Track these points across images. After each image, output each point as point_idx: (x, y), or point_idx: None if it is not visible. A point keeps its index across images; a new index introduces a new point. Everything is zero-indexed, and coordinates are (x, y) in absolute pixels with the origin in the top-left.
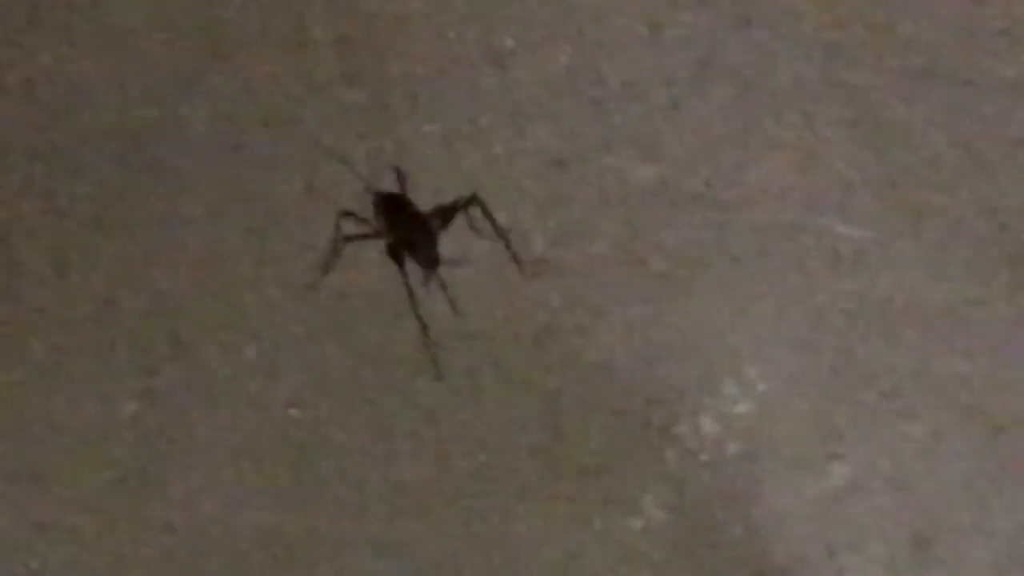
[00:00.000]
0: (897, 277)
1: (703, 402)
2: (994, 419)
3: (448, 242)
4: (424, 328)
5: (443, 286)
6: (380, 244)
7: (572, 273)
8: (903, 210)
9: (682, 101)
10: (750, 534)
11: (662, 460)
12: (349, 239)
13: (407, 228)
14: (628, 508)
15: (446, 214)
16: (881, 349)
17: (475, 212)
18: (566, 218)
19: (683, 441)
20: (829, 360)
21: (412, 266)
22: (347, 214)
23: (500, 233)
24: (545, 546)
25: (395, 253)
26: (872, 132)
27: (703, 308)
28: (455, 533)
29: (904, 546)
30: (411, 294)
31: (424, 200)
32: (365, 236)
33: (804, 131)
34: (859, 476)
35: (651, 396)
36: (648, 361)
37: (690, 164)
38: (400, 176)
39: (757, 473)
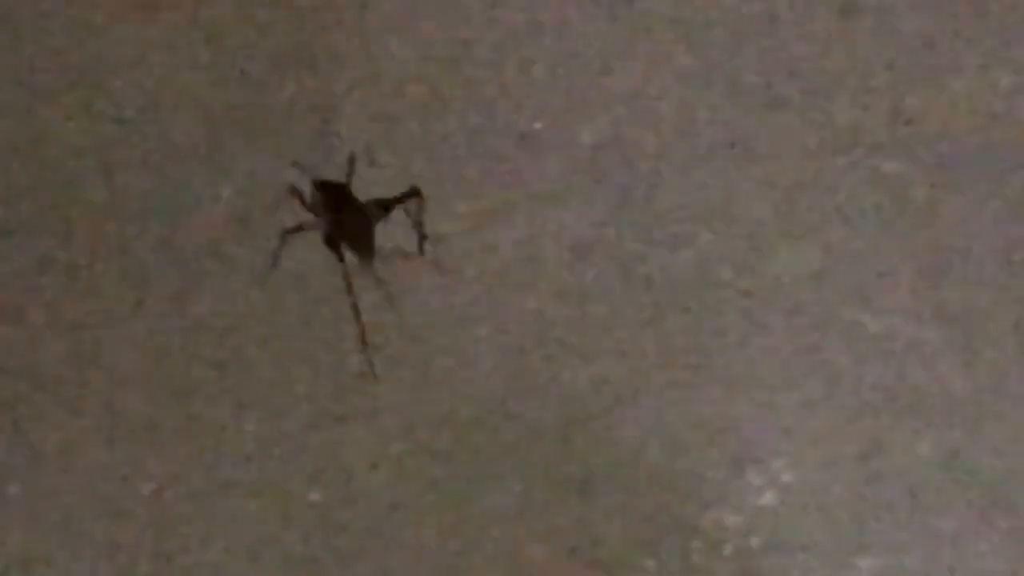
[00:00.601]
0: (925, 368)
1: (728, 493)
2: (1023, 514)
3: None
4: (359, 320)
5: (378, 280)
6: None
7: (599, 359)
8: (931, 301)
9: (710, 186)
10: None
11: (686, 552)
12: (289, 231)
13: (345, 217)
14: None
15: (388, 206)
16: (908, 441)
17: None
18: (591, 302)
19: (707, 532)
20: (856, 452)
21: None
22: (292, 191)
23: (420, 225)
24: None
25: (332, 242)
26: (901, 221)
27: (729, 397)
28: None
29: None
30: (350, 286)
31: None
32: (302, 228)
33: (833, 219)
34: (886, 571)
35: (676, 485)
36: (674, 450)
37: (718, 251)
38: (351, 163)
39: (782, 567)
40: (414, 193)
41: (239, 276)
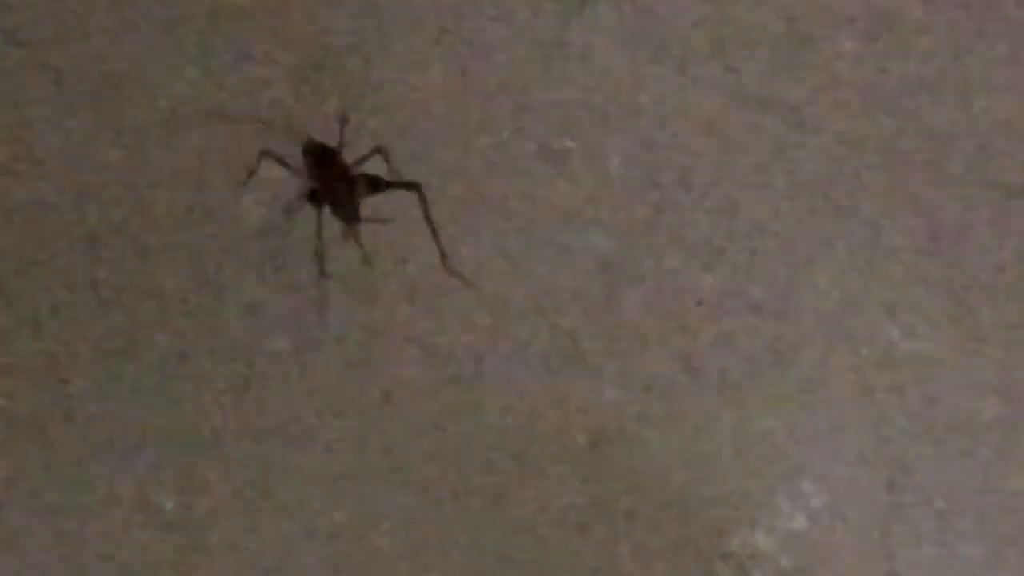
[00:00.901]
0: (957, 391)
1: (757, 516)
2: None
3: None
4: (322, 271)
5: (359, 242)
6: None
7: (625, 379)
8: (965, 323)
9: (741, 205)
10: None
11: (715, 574)
12: (288, 209)
13: (331, 180)
14: None
15: (379, 184)
16: (939, 465)
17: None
18: (618, 322)
19: (736, 556)
20: (886, 476)
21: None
22: (264, 153)
23: (432, 227)
24: None
25: (315, 200)
26: (935, 242)
27: (759, 419)
28: None
29: None
30: (320, 237)
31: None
32: (302, 196)
33: (866, 239)
34: None
35: (704, 508)
36: (702, 472)
37: (747, 270)
38: (342, 126)
39: None
40: (411, 186)
41: (263, 289)
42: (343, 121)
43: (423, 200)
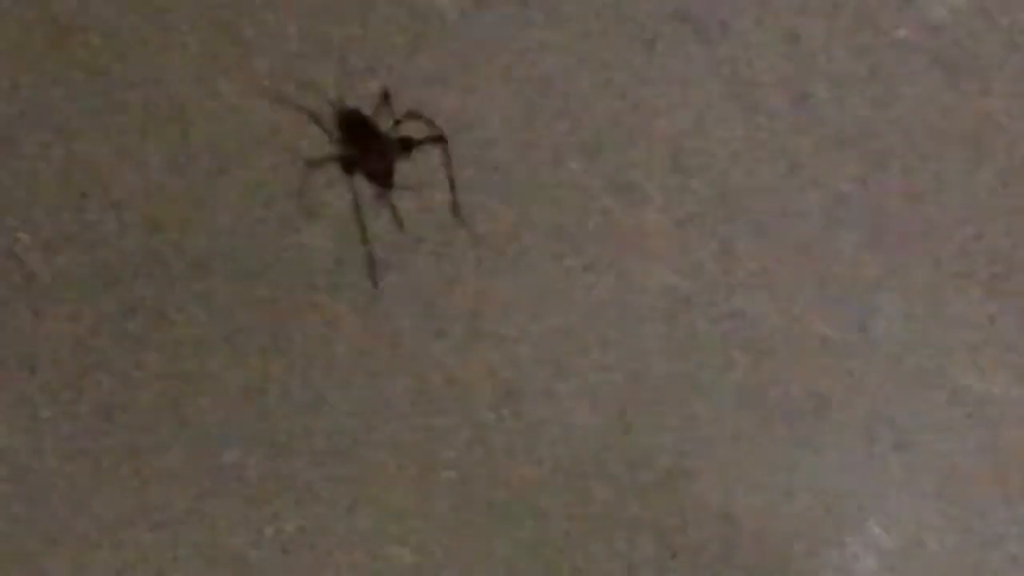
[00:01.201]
0: None
1: (825, 557)
2: None
3: None
4: (366, 239)
5: (391, 205)
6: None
7: (696, 417)
8: None
9: (811, 242)
10: None
11: None
12: (312, 163)
13: (364, 145)
14: None
15: (410, 144)
16: (1010, 509)
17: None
18: (689, 358)
19: None
20: (957, 518)
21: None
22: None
23: (451, 180)
24: None
25: (347, 167)
26: (1005, 283)
27: (827, 458)
28: None
29: None
30: (357, 205)
31: None
32: (327, 159)
33: (934, 278)
34: None
35: (771, 548)
36: (769, 512)
37: (818, 308)
38: (385, 97)
39: None
40: (437, 138)
41: (330, 324)
42: (385, 95)
43: (447, 154)
